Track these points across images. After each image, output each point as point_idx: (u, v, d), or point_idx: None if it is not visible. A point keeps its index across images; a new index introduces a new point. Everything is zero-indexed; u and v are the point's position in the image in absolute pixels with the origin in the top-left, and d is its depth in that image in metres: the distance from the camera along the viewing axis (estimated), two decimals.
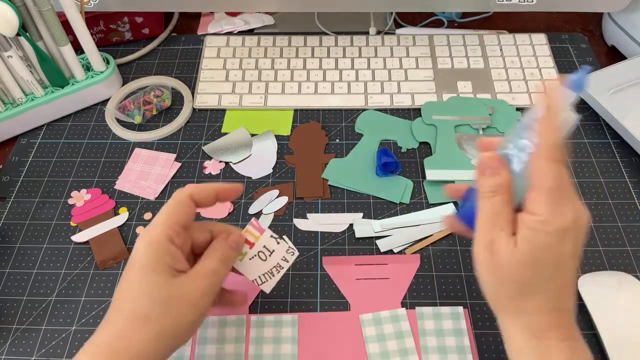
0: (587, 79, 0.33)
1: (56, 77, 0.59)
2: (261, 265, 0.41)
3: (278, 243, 0.42)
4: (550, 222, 0.33)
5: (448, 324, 0.45)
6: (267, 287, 0.42)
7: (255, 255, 0.41)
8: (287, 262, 0.42)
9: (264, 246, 0.42)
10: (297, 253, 0.42)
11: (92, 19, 0.65)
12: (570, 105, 0.33)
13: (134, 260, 0.36)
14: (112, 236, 0.51)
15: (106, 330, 0.35)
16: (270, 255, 0.42)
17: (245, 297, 0.43)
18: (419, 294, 0.47)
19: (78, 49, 0.59)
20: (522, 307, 0.34)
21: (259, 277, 0.41)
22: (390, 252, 0.50)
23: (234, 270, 0.41)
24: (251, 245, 0.41)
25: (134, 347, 0.34)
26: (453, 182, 0.53)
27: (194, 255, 0.40)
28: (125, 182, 0.56)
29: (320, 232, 0.51)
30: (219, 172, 0.56)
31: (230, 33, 0.70)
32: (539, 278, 0.33)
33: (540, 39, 0.67)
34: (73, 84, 0.60)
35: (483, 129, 0.58)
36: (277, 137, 0.59)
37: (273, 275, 0.42)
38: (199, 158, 0.57)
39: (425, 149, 0.58)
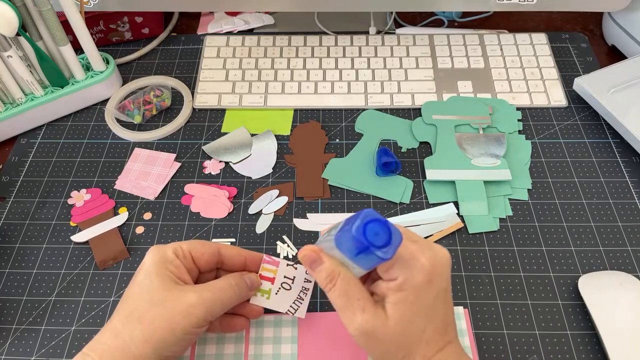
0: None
1: (56, 77, 0.58)
2: (288, 295, 0.42)
3: (296, 268, 0.42)
4: (407, 280, 0.33)
5: None
6: (301, 313, 0.42)
7: (279, 288, 0.42)
8: (311, 282, 0.42)
9: (285, 276, 0.42)
10: None
11: (92, 19, 0.65)
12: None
13: (142, 266, 0.38)
14: (111, 236, 0.51)
15: (105, 329, 0.37)
16: (293, 283, 0.42)
17: (247, 323, 0.43)
18: None
19: (78, 49, 0.59)
20: None
21: (290, 306, 0.42)
22: None
23: (267, 311, 0.42)
24: (272, 280, 0.42)
25: (127, 346, 0.35)
26: (453, 182, 0.53)
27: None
28: (125, 182, 0.55)
29: (321, 232, 0.51)
30: (218, 172, 0.56)
31: (230, 33, 0.70)
32: (418, 332, 0.34)
33: (541, 38, 0.67)
34: (73, 84, 0.60)
35: (483, 128, 0.58)
36: (277, 137, 0.59)
37: (302, 300, 0.42)
38: (199, 158, 0.57)
39: (425, 148, 0.57)
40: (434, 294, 0.34)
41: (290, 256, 0.50)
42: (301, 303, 0.42)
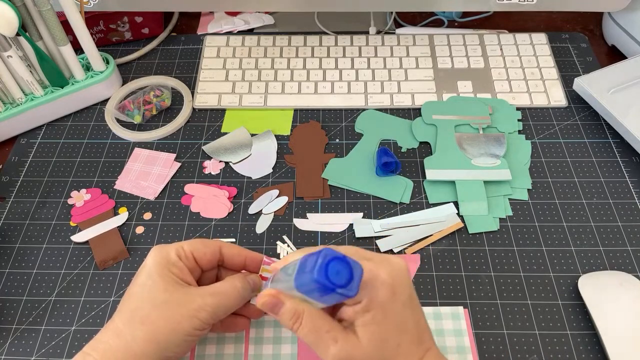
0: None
1: (56, 77, 0.58)
2: None
3: None
4: (372, 299, 0.33)
5: (448, 324, 0.45)
6: None
7: None
8: None
9: None
10: None
11: (92, 19, 0.65)
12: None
13: (144, 266, 0.38)
14: (111, 236, 0.51)
15: (106, 329, 0.36)
16: None
17: (248, 323, 0.43)
18: (418, 294, 0.47)
19: (78, 49, 0.59)
20: None
21: None
22: (390, 252, 0.49)
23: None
24: None
25: (129, 346, 0.35)
26: (453, 182, 0.53)
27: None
28: (125, 182, 0.55)
29: (320, 232, 0.51)
30: (218, 172, 0.56)
31: (230, 33, 0.70)
32: (393, 348, 0.33)
33: (541, 38, 0.67)
34: (73, 84, 0.60)
35: (483, 128, 0.58)
36: (277, 137, 0.59)
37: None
38: (199, 158, 0.57)
39: (425, 148, 0.57)
40: (400, 304, 0.34)
41: None
42: None
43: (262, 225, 0.52)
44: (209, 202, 0.54)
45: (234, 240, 0.51)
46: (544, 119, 0.60)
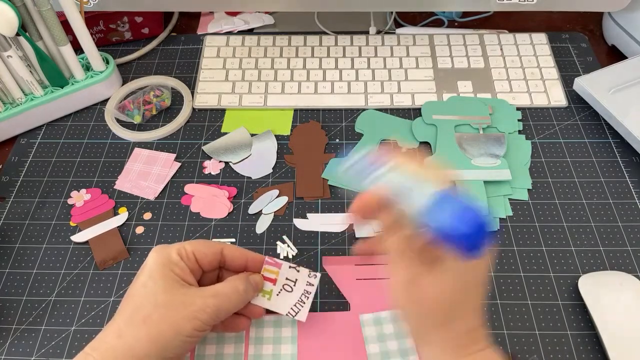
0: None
1: (56, 77, 0.58)
2: (289, 297, 0.42)
3: (298, 271, 0.42)
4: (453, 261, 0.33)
5: None
6: (302, 316, 0.42)
7: (281, 290, 0.42)
8: (313, 285, 0.42)
9: (286, 278, 0.42)
10: (319, 275, 0.43)
11: (91, 19, 0.65)
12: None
13: (145, 266, 0.38)
14: (111, 236, 0.51)
15: (107, 329, 0.36)
16: (295, 285, 0.42)
17: (248, 323, 0.43)
18: None
19: (78, 49, 0.59)
20: (446, 334, 0.34)
21: (291, 309, 0.42)
22: None
23: (267, 312, 0.42)
24: (273, 281, 0.42)
25: (130, 346, 0.35)
26: (453, 182, 0.53)
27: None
28: (124, 182, 0.55)
29: (320, 232, 0.51)
30: (218, 172, 0.56)
31: (230, 33, 0.70)
32: (460, 303, 0.34)
33: (541, 38, 0.67)
34: (73, 84, 0.60)
35: (483, 128, 0.58)
36: (277, 137, 0.59)
37: (304, 303, 0.42)
38: (199, 158, 0.57)
39: (426, 149, 0.57)
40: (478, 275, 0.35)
41: (291, 256, 0.50)
42: (302, 306, 0.42)
43: (262, 226, 0.52)
44: (209, 202, 0.53)
45: (233, 240, 0.51)
46: (544, 119, 0.60)
